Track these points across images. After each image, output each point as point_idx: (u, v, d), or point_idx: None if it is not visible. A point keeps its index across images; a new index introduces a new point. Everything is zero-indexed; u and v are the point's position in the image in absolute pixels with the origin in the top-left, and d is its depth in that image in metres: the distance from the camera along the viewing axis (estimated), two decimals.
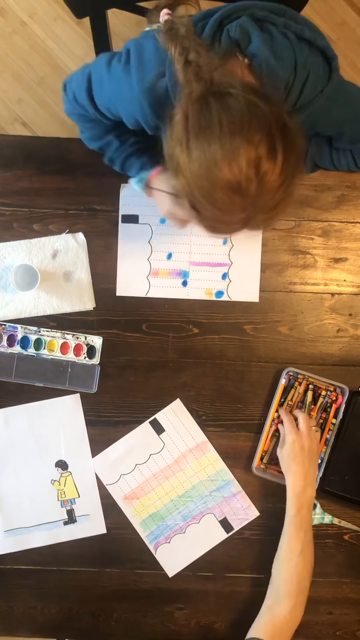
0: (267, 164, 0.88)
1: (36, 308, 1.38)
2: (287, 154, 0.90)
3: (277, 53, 0.99)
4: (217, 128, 0.88)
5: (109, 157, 1.27)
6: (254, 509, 1.38)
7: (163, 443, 1.39)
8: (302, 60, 1.01)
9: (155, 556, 1.37)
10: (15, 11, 2.21)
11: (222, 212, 0.93)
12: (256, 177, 0.88)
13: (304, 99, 1.05)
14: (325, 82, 1.05)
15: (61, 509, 1.38)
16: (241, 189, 0.89)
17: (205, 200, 0.92)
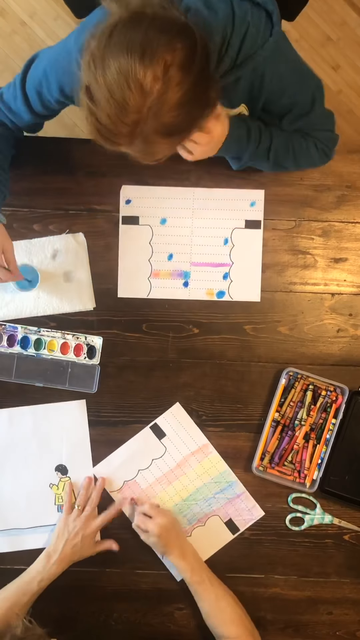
0: (176, 72, 0.88)
1: (36, 308, 1.38)
2: (198, 80, 0.90)
3: (210, 4, 0.99)
4: (146, 21, 0.88)
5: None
6: (258, 508, 1.38)
7: (165, 447, 1.39)
8: (240, 13, 1.00)
9: (162, 560, 1.37)
10: (15, 11, 2.21)
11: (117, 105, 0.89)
12: (162, 79, 0.87)
13: (244, 53, 1.04)
14: (267, 37, 1.04)
15: (57, 513, 1.38)
16: (144, 84, 0.87)
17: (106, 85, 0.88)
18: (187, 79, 0.89)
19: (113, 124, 0.91)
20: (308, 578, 1.39)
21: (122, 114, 0.89)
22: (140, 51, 0.86)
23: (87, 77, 0.91)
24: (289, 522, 1.38)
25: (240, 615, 1.28)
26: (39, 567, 1.29)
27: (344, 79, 2.26)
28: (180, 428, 1.39)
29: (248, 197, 1.40)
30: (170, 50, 0.87)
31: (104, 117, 0.91)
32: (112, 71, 0.87)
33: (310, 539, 1.39)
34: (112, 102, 0.89)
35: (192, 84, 0.90)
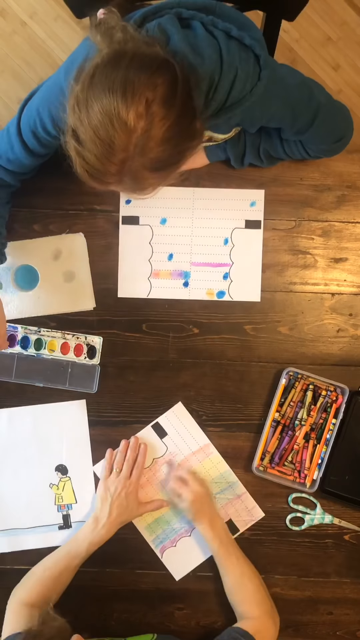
0: (159, 108, 0.88)
1: (36, 308, 1.38)
2: (181, 115, 0.90)
3: (197, 49, 0.98)
4: (124, 67, 0.88)
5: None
6: (259, 509, 1.38)
7: (166, 447, 1.39)
8: (228, 59, 0.99)
9: (162, 560, 1.37)
10: (16, 11, 2.21)
11: (103, 145, 0.90)
12: (146, 115, 0.88)
13: (232, 98, 1.03)
14: (255, 81, 1.03)
15: (57, 513, 1.38)
16: (128, 123, 0.87)
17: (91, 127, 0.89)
18: (170, 114, 0.89)
19: (101, 164, 0.92)
20: (308, 578, 1.39)
21: (109, 153, 0.91)
22: (122, 90, 0.87)
23: (73, 120, 0.92)
24: (289, 522, 1.38)
25: (262, 596, 1.29)
26: (86, 532, 1.30)
27: (344, 79, 2.26)
28: (182, 428, 1.39)
29: (248, 197, 1.40)
30: (152, 86, 0.88)
31: (91, 158, 0.92)
32: (95, 112, 0.88)
33: (310, 539, 1.39)
34: (98, 143, 0.90)
35: (176, 118, 0.90)
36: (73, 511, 1.38)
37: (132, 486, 1.33)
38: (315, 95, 1.14)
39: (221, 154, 1.34)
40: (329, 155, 1.32)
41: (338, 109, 1.21)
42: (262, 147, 1.31)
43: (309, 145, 1.27)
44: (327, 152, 1.29)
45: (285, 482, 1.37)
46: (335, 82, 2.25)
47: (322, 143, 1.25)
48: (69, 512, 1.38)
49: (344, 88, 2.25)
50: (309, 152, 1.29)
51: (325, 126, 1.19)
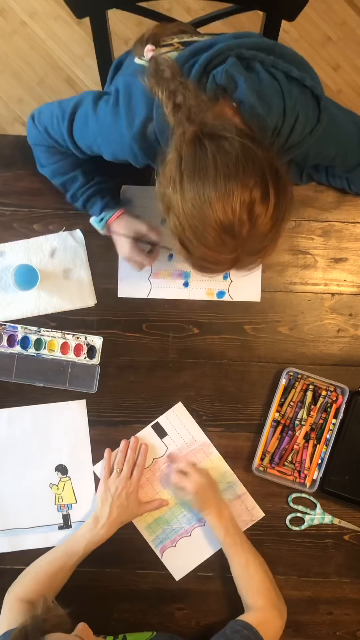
0: (260, 207, 0.90)
1: (37, 307, 1.38)
2: (278, 198, 0.92)
3: (264, 99, 0.98)
4: (212, 170, 0.89)
5: (72, 193, 1.28)
6: (259, 509, 1.38)
7: (166, 447, 1.39)
8: (290, 104, 1.00)
9: (161, 560, 1.37)
10: (16, 11, 2.21)
11: (212, 251, 0.94)
12: (249, 221, 0.90)
13: (292, 141, 1.04)
14: (314, 123, 1.04)
15: (57, 513, 1.38)
16: (233, 231, 0.90)
17: (196, 239, 0.93)
18: (270, 204, 0.91)
19: (212, 264, 0.98)
20: (308, 578, 1.39)
21: (219, 257, 0.96)
22: (220, 205, 0.89)
23: (177, 231, 0.95)
24: (289, 522, 1.38)
25: (268, 587, 1.28)
26: (85, 531, 1.30)
27: (344, 79, 2.26)
28: (182, 428, 1.39)
29: None
30: (247, 190, 0.89)
31: (202, 262, 0.98)
32: (199, 228, 0.91)
33: (310, 539, 1.39)
34: (206, 252, 0.95)
35: (275, 204, 0.92)
36: (73, 511, 1.38)
37: (132, 486, 1.33)
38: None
39: None
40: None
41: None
42: (305, 170, 1.33)
43: (354, 182, 1.31)
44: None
45: (285, 482, 1.37)
46: (335, 82, 2.25)
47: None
48: (69, 512, 1.38)
49: (344, 88, 2.25)
50: (352, 187, 1.33)
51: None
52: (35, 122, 1.21)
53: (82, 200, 1.28)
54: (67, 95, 2.20)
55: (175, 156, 0.92)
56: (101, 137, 1.10)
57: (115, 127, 1.06)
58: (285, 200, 0.93)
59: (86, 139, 1.13)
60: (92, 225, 1.33)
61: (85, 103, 1.11)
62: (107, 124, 1.07)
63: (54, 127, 1.16)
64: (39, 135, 1.21)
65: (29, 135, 1.25)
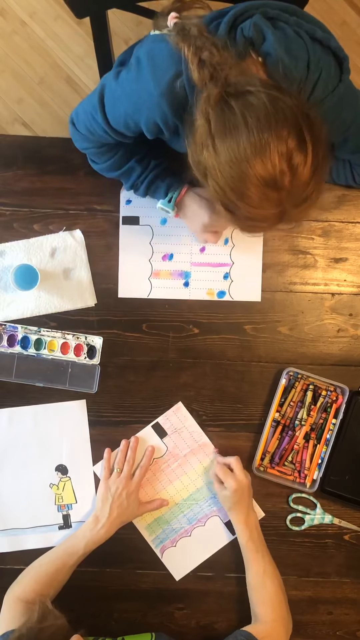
0: (298, 156, 0.89)
1: (38, 307, 1.38)
2: (315, 143, 0.91)
3: (291, 52, 0.99)
4: (243, 127, 0.89)
5: (131, 183, 1.27)
6: (259, 509, 1.38)
7: (166, 447, 1.39)
8: (315, 59, 1.01)
9: (161, 560, 1.37)
10: (16, 11, 2.21)
11: (257, 209, 0.93)
12: (289, 171, 0.89)
13: (315, 98, 1.04)
14: (336, 82, 1.05)
15: (57, 513, 1.38)
16: (276, 183, 0.90)
17: (239, 199, 0.92)
18: (308, 152, 0.90)
19: (259, 222, 0.97)
20: (308, 578, 1.39)
21: (265, 212, 0.94)
22: (258, 160, 0.88)
23: (217, 195, 0.95)
24: (289, 522, 1.38)
25: (280, 601, 1.28)
26: (86, 531, 1.30)
27: None
28: (182, 427, 1.39)
29: None
30: (282, 141, 0.88)
31: (249, 221, 0.97)
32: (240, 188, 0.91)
33: (310, 539, 1.39)
34: (251, 210, 0.94)
35: (313, 151, 0.91)
36: (73, 511, 1.38)
37: (133, 486, 1.33)
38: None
39: None
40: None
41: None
42: None
43: (358, 169, 1.30)
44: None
45: (285, 482, 1.37)
46: None
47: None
48: (69, 512, 1.38)
49: None
50: (356, 178, 1.31)
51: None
52: (77, 127, 1.20)
53: (143, 188, 1.27)
54: (67, 95, 2.20)
55: (203, 121, 0.92)
56: (130, 105, 1.07)
57: (142, 89, 1.03)
58: (321, 145, 0.93)
59: (119, 117, 1.10)
60: (162, 209, 1.30)
61: (108, 83, 1.10)
62: (133, 89, 1.05)
63: (93, 124, 1.15)
64: (84, 139, 1.21)
65: (75, 142, 1.24)
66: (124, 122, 1.10)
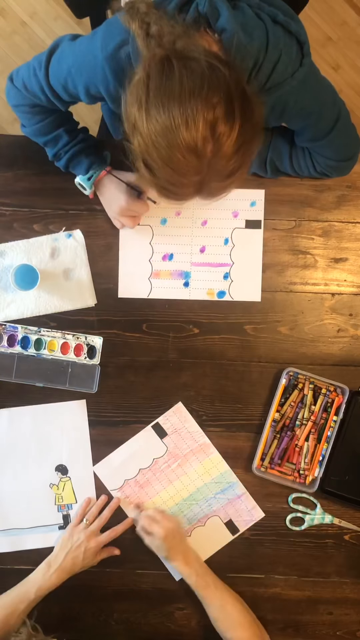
0: (223, 126, 0.89)
1: (37, 307, 1.38)
2: (244, 120, 0.91)
3: (247, 29, 0.99)
4: (177, 87, 0.89)
5: (55, 152, 1.27)
6: (259, 509, 1.38)
7: (166, 447, 1.39)
8: (274, 41, 1.01)
9: (162, 560, 1.37)
10: (16, 11, 2.21)
11: (176, 173, 0.93)
12: (212, 138, 0.89)
13: (273, 80, 1.04)
14: (297, 66, 1.05)
15: (57, 513, 1.38)
16: (197, 149, 0.89)
17: (160, 159, 0.92)
18: (234, 125, 0.90)
19: (177, 187, 0.96)
20: (308, 578, 1.39)
21: (184, 179, 0.94)
22: (184, 122, 0.88)
23: (139, 149, 0.94)
24: (289, 522, 1.38)
25: (247, 619, 1.28)
26: (38, 576, 1.29)
27: (344, 79, 2.26)
28: (182, 428, 1.39)
29: (248, 197, 1.40)
30: (210, 107, 0.88)
31: (167, 186, 0.96)
32: (163, 147, 0.90)
33: (310, 539, 1.39)
34: (171, 173, 0.93)
35: (240, 126, 0.91)
36: (73, 511, 1.38)
37: (94, 543, 1.32)
38: (338, 101, 1.17)
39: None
40: (334, 175, 1.34)
41: (353, 129, 1.23)
42: (269, 157, 1.32)
43: (319, 158, 1.28)
44: (334, 170, 1.31)
45: (285, 482, 1.37)
46: (335, 82, 2.23)
47: (332, 157, 1.27)
48: (69, 512, 1.38)
49: (344, 88, 2.25)
50: (317, 167, 1.30)
51: (340, 137, 1.21)
52: (14, 82, 1.19)
53: (65, 160, 1.27)
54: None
55: (143, 75, 0.92)
56: (75, 66, 1.08)
57: (89, 49, 1.05)
58: (251, 124, 0.92)
59: (60, 77, 1.11)
60: (78, 185, 1.31)
61: (63, 41, 1.11)
62: (82, 49, 1.07)
63: (32, 80, 1.15)
64: (18, 95, 1.19)
65: (8, 96, 1.23)
66: (63, 81, 1.11)
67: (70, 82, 1.10)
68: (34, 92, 1.16)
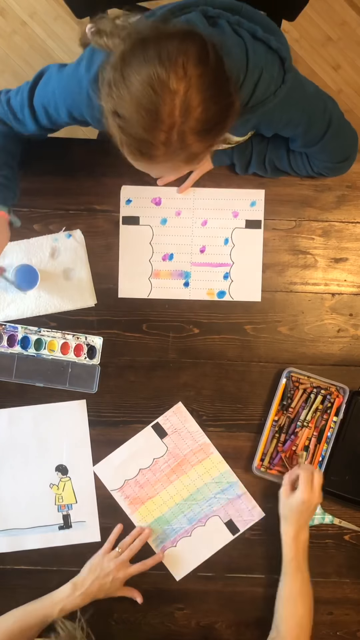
0: (194, 67, 0.89)
1: (38, 307, 1.38)
2: (217, 71, 0.91)
3: (224, 48, 0.97)
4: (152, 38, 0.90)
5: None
6: (259, 509, 1.38)
7: (166, 447, 1.39)
8: (254, 59, 1.01)
9: (162, 560, 1.37)
10: (16, 11, 2.21)
11: (148, 113, 0.90)
12: (184, 77, 0.88)
13: (256, 98, 1.04)
14: (279, 83, 1.04)
15: (57, 513, 1.38)
16: (169, 86, 0.88)
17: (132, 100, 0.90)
18: (207, 71, 0.90)
19: (149, 134, 0.92)
20: None
21: (155, 121, 0.90)
22: (158, 58, 0.88)
23: (112, 102, 0.93)
24: None
25: (307, 624, 1.27)
26: (63, 596, 1.29)
27: (344, 78, 2.26)
28: (182, 428, 1.39)
29: (248, 197, 1.40)
30: (184, 50, 0.89)
31: (139, 131, 0.92)
32: (135, 84, 0.89)
33: (310, 539, 1.38)
34: (143, 113, 0.90)
35: (213, 76, 0.91)
36: (73, 511, 1.38)
37: (122, 574, 1.32)
38: (328, 108, 1.16)
39: (226, 160, 1.35)
40: (332, 175, 1.35)
41: (348, 128, 1.23)
42: (268, 157, 1.32)
43: (315, 160, 1.29)
44: (331, 170, 1.32)
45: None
46: (335, 82, 2.25)
47: (328, 160, 1.28)
48: (69, 512, 1.38)
49: (344, 88, 2.25)
50: (314, 167, 1.31)
51: (334, 141, 1.21)
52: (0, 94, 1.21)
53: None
54: None
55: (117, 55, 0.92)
56: (59, 88, 1.10)
57: (75, 74, 1.07)
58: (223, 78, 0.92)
59: (44, 98, 1.13)
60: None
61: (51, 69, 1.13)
62: (69, 74, 1.09)
63: (16, 98, 1.17)
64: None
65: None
66: (46, 103, 1.13)
67: (53, 105, 1.12)
68: (14, 108, 1.18)
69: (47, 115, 1.16)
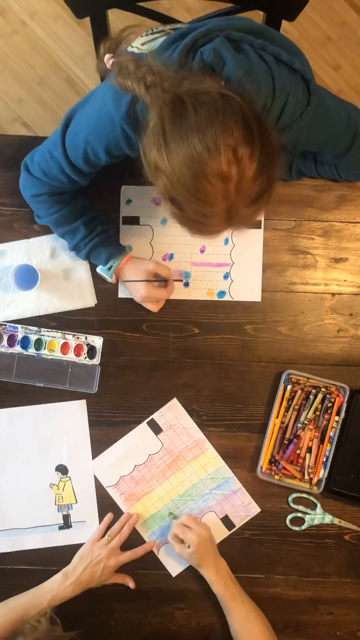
0: (244, 148, 0.89)
1: (38, 307, 1.38)
2: (263, 141, 0.91)
3: (252, 76, 0.98)
4: (193, 119, 0.89)
5: (74, 244, 1.30)
6: (254, 505, 1.38)
7: (161, 443, 1.39)
8: (280, 84, 1.00)
9: (157, 556, 1.37)
10: (16, 11, 2.21)
11: (204, 203, 0.92)
12: (235, 161, 0.89)
13: (282, 123, 1.04)
14: (304, 106, 1.05)
15: (57, 513, 1.38)
16: (222, 174, 0.89)
17: (187, 192, 0.92)
18: (255, 147, 0.90)
19: (207, 218, 0.95)
20: (308, 578, 1.39)
21: (212, 208, 0.93)
22: (205, 149, 0.88)
23: (167, 190, 0.94)
24: (289, 522, 1.38)
25: (267, 636, 1.28)
26: (53, 585, 1.29)
27: (344, 78, 2.26)
28: (177, 423, 1.39)
29: None
30: (229, 132, 0.89)
31: (197, 217, 0.95)
32: (188, 179, 0.90)
33: (310, 539, 1.39)
34: (199, 204, 0.92)
35: (260, 148, 0.91)
36: (73, 511, 1.38)
37: (113, 561, 1.32)
38: (352, 118, 1.16)
39: None
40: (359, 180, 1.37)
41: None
42: (294, 165, 1.34)
43: (342, 168, 1.31)
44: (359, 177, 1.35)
45: (291, 484, 1.36)
46: (335, 82, 2.25)
47: (355, 168, 1.30)
48: (69, 512, 1.38)
49: (344, 88, 2.25)
50: (341, 174, 1.33)
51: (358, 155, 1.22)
52: (30, 171, 1.22)
53: (85, 252, 1.31)
54: (67, 95, 2.21)
55: (157, 118, 0.92)
56: (91, 132, 1.09)
57: (103, 113, 1.06)
58: (270, 145, 0.92)
59: (79, 148, 1.12)
60: (100, 274, 1.35)
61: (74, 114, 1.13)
62: (96, 113, 1.08)
63: (49, 163, 1.17)
64: (36, 183, 1.22)
65: (25, 189, 1.26)
66: (83, 152, 1.12)
67: (90, 150, 1.11)
68: (54, 175, 1.18)
69: (88, 164, 1.15)
